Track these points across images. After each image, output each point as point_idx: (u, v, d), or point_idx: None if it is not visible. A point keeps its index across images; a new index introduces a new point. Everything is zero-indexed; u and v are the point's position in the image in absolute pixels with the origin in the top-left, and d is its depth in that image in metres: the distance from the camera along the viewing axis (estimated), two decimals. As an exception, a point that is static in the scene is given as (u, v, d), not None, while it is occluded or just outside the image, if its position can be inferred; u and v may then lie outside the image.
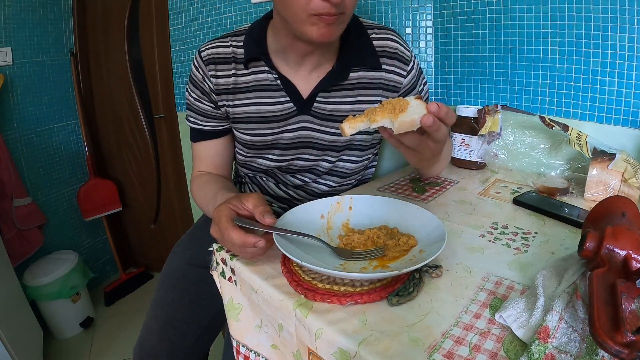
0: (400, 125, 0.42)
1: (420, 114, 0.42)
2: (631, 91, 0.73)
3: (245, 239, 0.48)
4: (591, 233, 0.40)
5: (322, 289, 0.45)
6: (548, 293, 0.40)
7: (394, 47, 0.72)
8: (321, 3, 0.54)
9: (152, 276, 2.14)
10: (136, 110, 1.83)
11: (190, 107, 0.76)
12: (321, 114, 0.72)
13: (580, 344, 0.34)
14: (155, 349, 0.73)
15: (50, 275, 1.59)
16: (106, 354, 1.61)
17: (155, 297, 0.78)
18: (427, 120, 0.42)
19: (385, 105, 0.44)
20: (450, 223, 0.63)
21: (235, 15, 1.27)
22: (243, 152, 0.79)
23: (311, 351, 0.43)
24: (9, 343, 1.19)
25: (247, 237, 0.48)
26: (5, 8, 1.55)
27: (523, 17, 0.84)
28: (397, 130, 0.42)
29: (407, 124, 0.42)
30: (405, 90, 0.75)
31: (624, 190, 0.68)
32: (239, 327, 0.56)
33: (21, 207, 1.61)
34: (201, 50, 0.71)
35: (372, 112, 0.44)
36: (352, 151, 0.78)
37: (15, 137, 1.66)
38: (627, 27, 0.71)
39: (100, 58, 1.88)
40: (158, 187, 1.95)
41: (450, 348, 0.36)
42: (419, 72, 0.77)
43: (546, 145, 0.83)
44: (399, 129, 0.42)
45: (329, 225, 0.60)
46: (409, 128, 0.42)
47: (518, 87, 0.89)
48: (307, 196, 0.83)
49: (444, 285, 0.46)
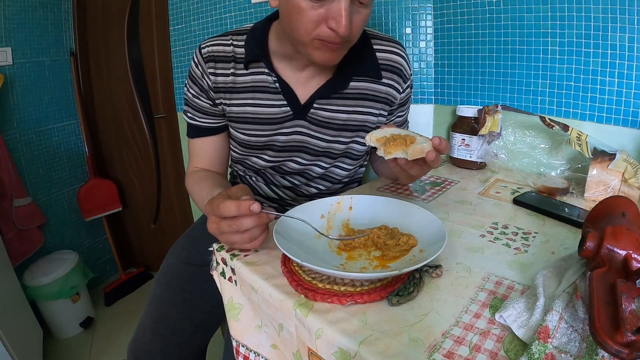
0: (413, 152, 0.50)
1: (426, 142, 0.51)
2: (631, 91, 0.73)
3: (239, 204, 0.48)
4: (591, 233, 0.40)
5: (323, 289, 0.45)
6: (548, 293, 0.40)
7: (398, 61, 0.73)
8: (328, 31, 0.55)
9: (152, 276, 2.14)
10: (136, 110, 1.82)
11: (188, 103, 0.76)
12: (317, 120, 0.72)
13: (580, 344, 0.34)
14: (149, 345, 0.74)
15: (50, 275, 1.59)
16: (106, 354, 1.61)
17: (150, 295, 0.79)
18: (431, 155, 0.49)
19: (398, 139, 0.53)
20: (451, 223, 0.63)
21: (235, 15, 1.27)
22: (238, 150, 0.79)
23: (311, 351, 0.43)
24: (9, 343, 1.19)
25: (241, 202, 0.49)
26: (5, 8, 1.55)
27: (523, 17, 0.84)
28: (411, 157, 0.50)
29: (418, 150, 0.50)
30: (396, 105, 0.76)
31: (624, 190, 0.68)
32: (238, 327, 0.56)
33: (21, 207, 1.61)
34: (201, 47, 0.71)
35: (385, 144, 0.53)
36: (348, 159, 0.79)
37: (15, 137, 1.66)
38: (627, 27, 0.71)
39: (100, 58, 1.87)
40: (158, 187, 1.95)
41: (451, 348, 0.36)
42: (411, 90, 0.79)
43: (546, 145, 0.83)
44: (412, 155, 0.50)
45: (329, 225, 0.60)
46: (420, 155, 0.50)
47: (518, 87, 0.89)
48: (296, 197, 0.83)
49: (444, 285, 0.46)
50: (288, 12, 0.56)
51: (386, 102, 0.74)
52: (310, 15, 0.54)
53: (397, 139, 0.53)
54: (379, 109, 0.74)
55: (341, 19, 0.53)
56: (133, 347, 0.75)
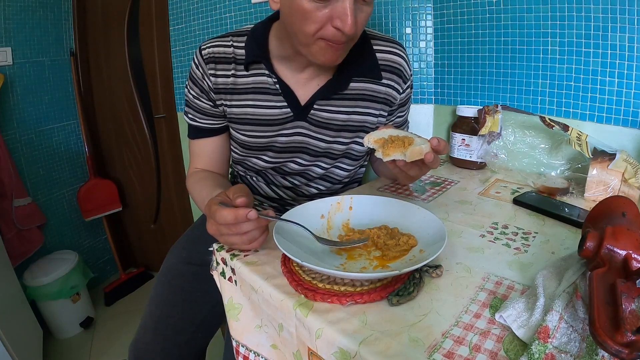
0: (411, 154, 0.50)
1: (424, 143, 0.50)
2: (631, 91, 0.73)
3: (236, 212, 0.49)
4: (591, 233, 0.40)
5: (323, 289, 0.45)
6: (548, 293, 0.40)
7: (398, 62, 0.73)
8: (333, 31, 0.55)
9: (152, 276, 2.14)
10: (136, 110, 1.82)
11: (189, 104, 0.76)
12: (317, 121, 0.72)
13: (580, 344, 0.34)
14: (150, 345, 0.74)
15: (50, 275, 1.59)
16: (106, 354, 1.61)
17: (151, 295, 0.79)
18: (429, 157, 0.49)
19: (396, 141, 0.52)
20: (451, 223, 0.63)
21: (235, 15, 1.27)
22: (238, 151, 0.79)
23: (311, 351, 0.43)
24: (9, 343, 1.19)
25: (238, 210, 0.49)
26: (5, 8, 1.55)
27: (523, 17, 0.84)
28: (410, 159, 0.50)
29: (417, 152, 0.50)
30: (396, 106, 0.76)
31: (624, 190, 0.68)
32: (238, 327, 0.56)
33: (21, 207, 1.61)
34: (202, 48, 0.71)
35: (383, 146, 0.53)
36: (348, 160, 0.79)
37: (15, 137, 1.66)
38: (627, 27, 0.71)
39: (100, 58, 1.87)
40: (158, 187, 1.95)
41: (451, 348, 0.36)
42: (411, 90, 0.79)
43: (546, 145, 0.83)
44: (410, 157, 0.50)
45: (329, 225, 0.60)
46: (418, 156, 0.50)
47: (518, 87, 0.89)
48: (296, 197, 0.84)
49: (444, 285, 0.46)
50: (291, 14, 0.56)
51: (386, 103, 0.74)
52: (315, 16, 0.54)
53: (395, 140, 0.53)
54: (378, 109, 0.74)
55: (347, 18, 0.53)
56: (134, 347, 0.75)
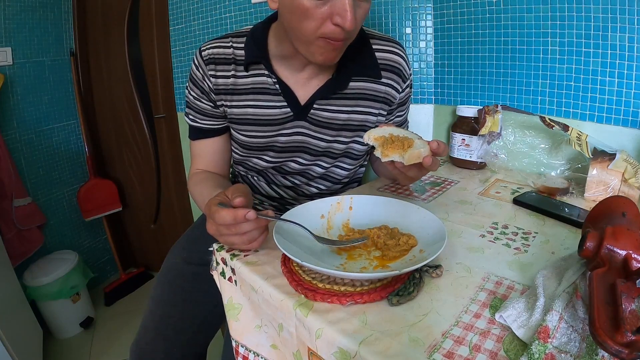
0: (409, 157, 0.50)
1: (423, 147, 0.50)
2: (631, 91, 0.73)
3: (235, 213, 0.49)
4: (591, 233, 0.40)
5: (323, 289, 0.45)
6: (548, 293, 0.40)
7: (398, 61, 0.73)
8: (333, 28, 0.55)
9: (152, 276, 2.14)
10: (136, 110, 1.82)
11: (190, 105, 0.77)
12: (317, 120, 0.72)
13: (580, 344, 0.34)
14: (151, 346, 0.74)
15: (50, 275, 1.59)
16: (106, 354, 1.61)
17: (152, 295, 0.79)
18: (428, 160, 0.49)
19: (396, 142, 0.52)
20: (451, 223, 0.63)
21: (235, 15, 1.27)
22: (239, 151, 0.79)
23: (311, 351, 0.43)
24: (9, 343, 1.19)
25: (237, 211, 0.49)
26: (5, 8, 1.55)
27: (523, 17, 0.84)
28: (407, 162, 0.50)
29: (415, 156, 0.50)
30: (395, 105, 0.76)
31: (624, 190, 0.68)
32: (238, 327, 0.56)
33: (21, 207, 1.61)
34: (202, 49, 0.71)
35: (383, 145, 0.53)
36: (348, 159, 0.79)
37: (15, 137, 1.66)
38: (627, 27, 0.71)
39: (100, 58, 1.88)
40: (158, 187, 1.95)
41: (451, 348, 0.36)
42: (411, 90, 0.79)
43: (546, 145, 0.83)
44: (408, 160, 0.50)
45: (329, 225, 0.60)
46: (416, 160, 0.50)
47: (518, 87, 0.89)
48: (297, 197, 0.84)
49: (444, 285, 0.46)
50: (291, 13, 0.56)
51: (385, 102, 0.75)
52: (314, 14, 0.54)
53: (395, 140, 0.53)
54: (378, 108, 0.74)
55: (346, 14, 0.53)
56: (136, 348, 0.75)
